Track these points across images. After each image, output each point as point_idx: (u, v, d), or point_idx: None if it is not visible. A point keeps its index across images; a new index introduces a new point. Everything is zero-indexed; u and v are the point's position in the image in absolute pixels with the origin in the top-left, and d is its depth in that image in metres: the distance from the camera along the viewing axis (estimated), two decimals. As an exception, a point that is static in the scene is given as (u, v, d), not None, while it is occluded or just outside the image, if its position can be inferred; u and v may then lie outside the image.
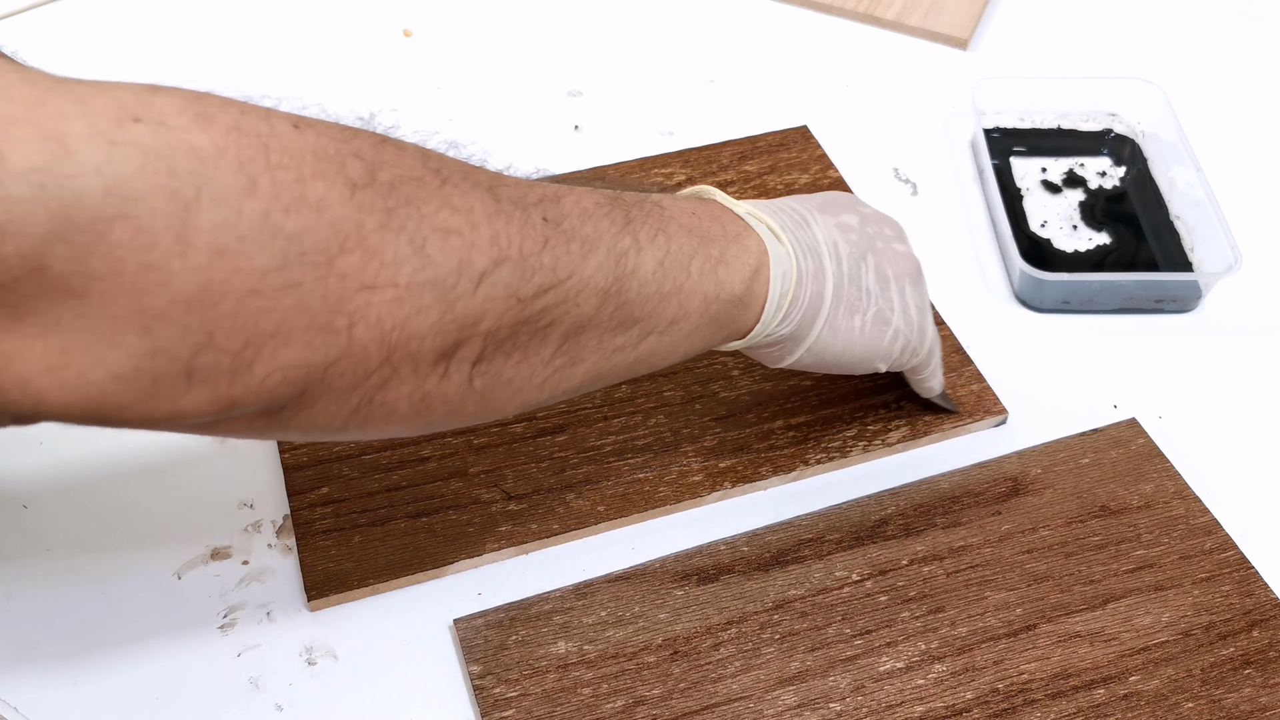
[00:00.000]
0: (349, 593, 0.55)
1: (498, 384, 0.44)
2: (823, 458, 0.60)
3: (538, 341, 0.44)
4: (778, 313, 0.51)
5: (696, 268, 0.48)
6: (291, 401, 0.39)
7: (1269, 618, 0.54)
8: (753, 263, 0.50)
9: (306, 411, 0.40)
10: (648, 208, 0.48)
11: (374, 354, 0.39)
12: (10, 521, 0.57)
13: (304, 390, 0.39)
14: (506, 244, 0.42)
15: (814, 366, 0.54)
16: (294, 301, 0.37)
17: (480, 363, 0.42)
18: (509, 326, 0.42)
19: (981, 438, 0.62)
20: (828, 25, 0.89)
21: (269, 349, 0.37)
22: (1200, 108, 0.82)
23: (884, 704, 0.51)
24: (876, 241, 0.55)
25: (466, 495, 0.58)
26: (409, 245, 0.39)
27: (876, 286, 0.54)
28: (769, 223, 0.51)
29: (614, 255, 0.45)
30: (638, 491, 0.59)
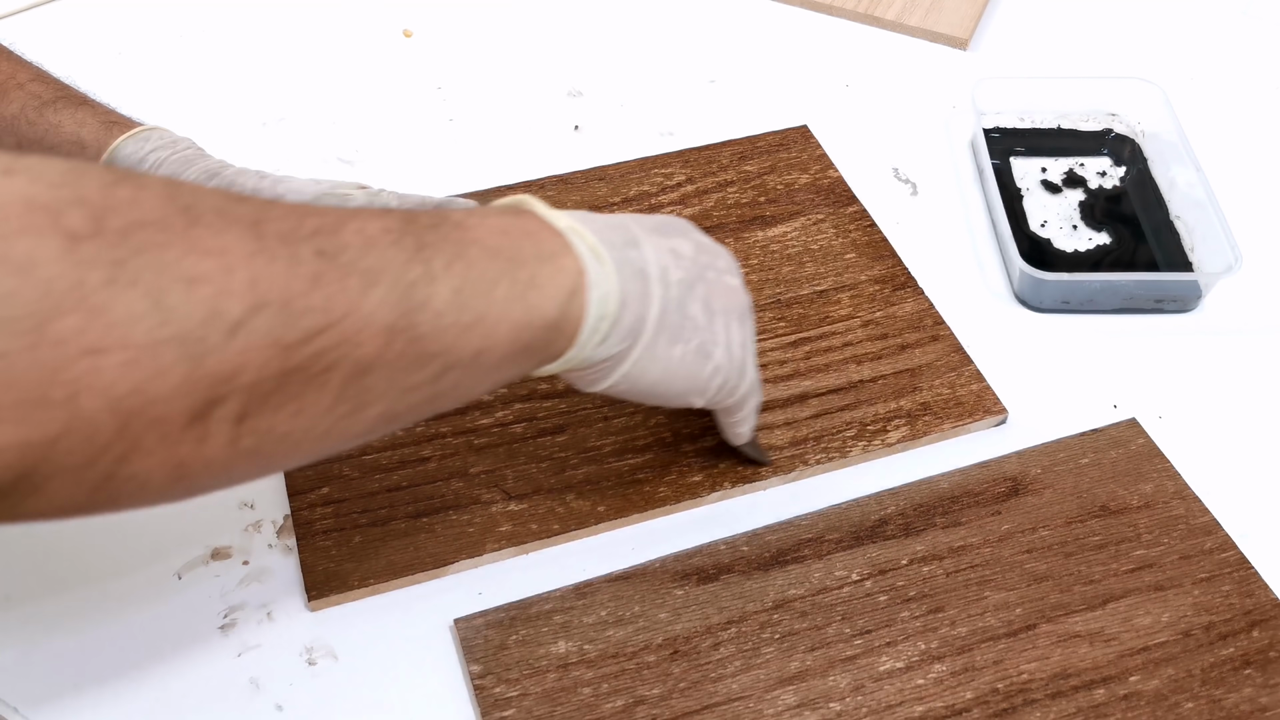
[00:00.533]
0: (349, 593, 0.55)
1: (270, 440, 0.39)
2: (822, 458, 0.60)
3: (314, 390, 0.39)
4: (594, 336, 0.47)
5: (502, 294, 0.44)
6: (16, 486, 0.35)
7: (1269, 618, 0.54)
8: (568, 284, 0.46)
9: (38, 496, 0.35)
10: (446, 230, 0.44)
11: (106, 424, 0.35)
12: (10, 521, 0.57)
13: (28, 473, 0.34)
14: (268, 286, 0.37)
15: (628, 394, 0.51)
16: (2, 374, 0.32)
17: (246, 420, 0.38)
18: (275, 377, 0.38)
19: (981, 438, 0.62)
20: (828, 25, 0.89)
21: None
22: (1200, 108, 0.82)
23: (884, 704, 0.51)
24: (708, 272, 0.52)
25: (467, 495, 0.58)
26: (144, 299, 0.34)
27: (703, 318, 0.51)
28: (591, 240, 0.47)
29: (400, 287, 0.41)
30: (638, 492, 0.59)
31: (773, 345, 0.65)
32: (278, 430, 0.39)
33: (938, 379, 0.64)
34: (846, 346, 0.65)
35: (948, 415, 0.62)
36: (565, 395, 0.62)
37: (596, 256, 0.47)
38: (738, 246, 0.71)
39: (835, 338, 0.66)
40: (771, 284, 0.69)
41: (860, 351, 0.65)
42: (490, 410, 0.62)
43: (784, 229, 0.72)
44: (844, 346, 0.65)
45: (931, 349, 0.65)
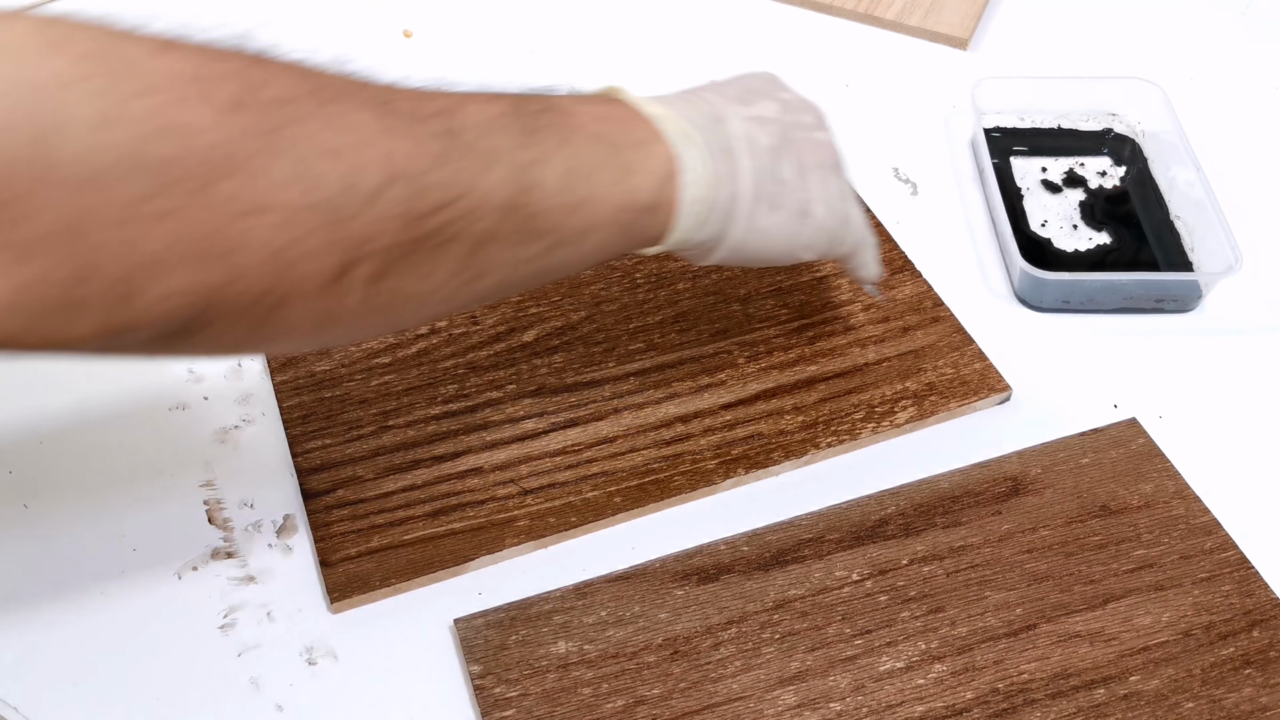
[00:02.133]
0: (371, 593, 0.55)
1: (399, 300, 0.43)
2: (833, 441, 0.61)
3: (439, 257, 0.43)
4: (689, 219, 0.49)
5: (606, 176, 0.47)
6: (184, 326, 0.38)
7: (1269, 618, 0.54)
8: (663, 169, 0.48)
9: (204, 334, 0.39)
10: (552, 116, 0.47)
11: (264, 275, 0.38)
12: (10, 521, 0.57)
13: (197, 315, 0.38)
14: (399, 161, 0.40)
15: (738, 263, 0.54)
16: (172, 229, 0.36)
17: (380, 280, 0.41)
18: (406, 244, 0.41)
19: (982, 436, 0.62)
20: (828, 25, 0.89)
21: (152, 276, 0.36)
22: (1200, 108, 0.82)
23: (884, 704, 0.51)
24: (795, 131, 0.53)
25: (483, 492, 0.58)
26: (293, 166, 0.38)
27: (797, 179, 0.52)
28: (680, 125, 0.49)
29: (516, 167, 0.44)
30: (653, 482, 0.59)
31: (776, 332, 0.66)
32: (406, 291, 0.43)
33: (941, 359, 0.64)
34: (849, 331, 0.66)
35: (953, 394, 0.63)
36: (575, 390, 0.63)
37: (687, 140, 0.49)
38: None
39: (838, 323, 0.66)
40: (772, 272, 0.69)
41: (863, 335, 0.66)
42: (501, 406, 0.62)
43: None
44: (847, 331, 0.66)
45: (933, 330, 0.66)
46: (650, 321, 0.66)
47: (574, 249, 0.47)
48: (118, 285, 0.36)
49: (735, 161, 0.50)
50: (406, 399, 0.62)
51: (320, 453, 0.60)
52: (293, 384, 0.63)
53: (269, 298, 0.39)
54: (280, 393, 0.62)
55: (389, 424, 0.61)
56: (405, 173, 0.40)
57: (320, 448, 0.60)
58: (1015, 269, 0.69)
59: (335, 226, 0.39)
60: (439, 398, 0.62)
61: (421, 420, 0.61)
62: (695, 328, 0.66)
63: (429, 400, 0.62)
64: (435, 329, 0.65)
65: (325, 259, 0.39)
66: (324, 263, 0.39)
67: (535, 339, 0.65)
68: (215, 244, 0.37)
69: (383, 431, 0.61)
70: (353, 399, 0.62)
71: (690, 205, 0.49)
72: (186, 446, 0.60)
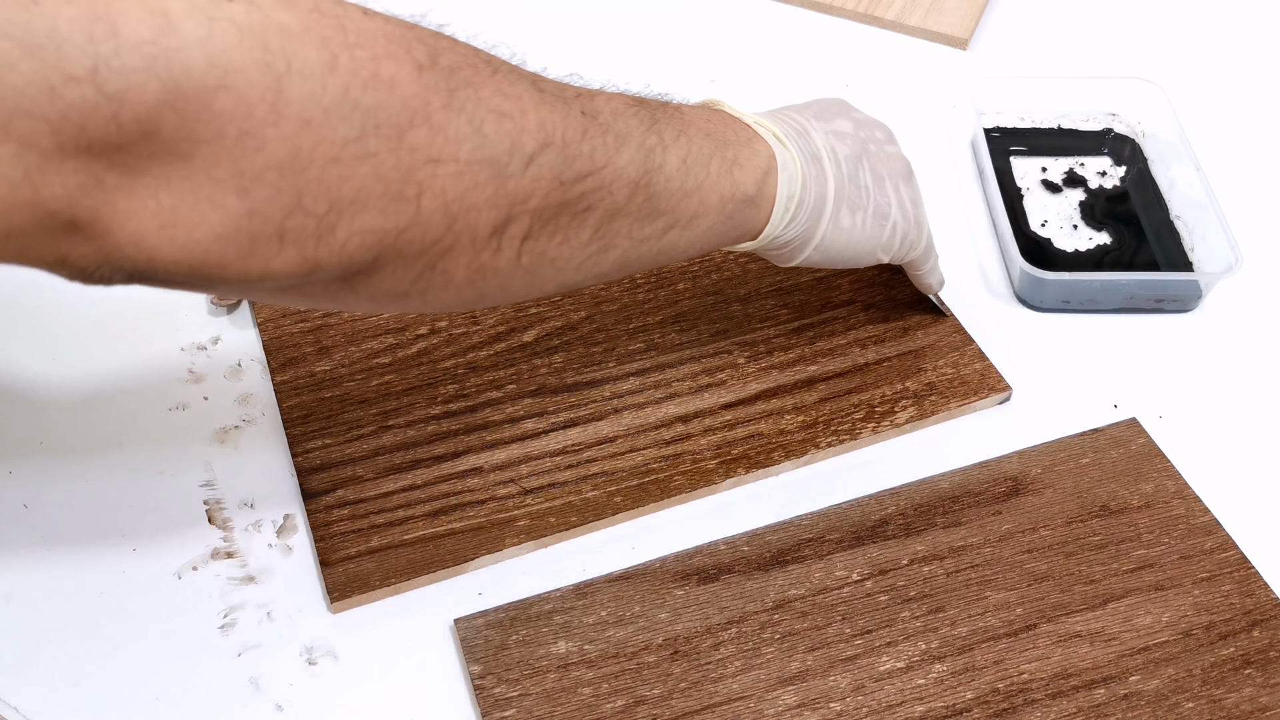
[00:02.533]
0: (371, 593, 0.55)
1: (542, 261, 0.47)
2: (833, 440, 0.61)
3: (577, 224, 0.47)
4: (785, 214, 0.54)
5: (715, 168, 0.52)
6: (366, 266, 0.42)
7: (1269, 618, 0.54)
8: (763, 165, 0.54)
9: (377, 276, 0.43)
10: (670, 111, 0.52)
11: (438, 223, 0.43)
12: (10, 521, 0.57)
13: (378, 256, 0.42)
14: (551, 130, 0.45)
15: (822, 263, 0.58)
16: (370, 170, 0.40)
17: (528, 240, 0.46)
18: (553, 207, 0.46)
19: (982, 436, 0.62)
20: (828, 25, 0.89)
21: (349, 214, 0.40)
22: (1200, 108, 0.82)
23: (884, 704, 0.51)
24: (869, 145, 0.59)
25: (483, 492, 0.58)
26: (468, 124, 0.42)
27: (873, 185, 0.58)
28: (775, 130, 0.55)
29: (643, 150, 0.49)
30: (653, 482, 0.59)
31: (776, 332, 0.66)
32: (548, 253, 0.47)
33: (941, 359, 0.65)
34: (849, 330, 0.66)
35: (954, 394, 0.63)
36: (575, 390, 0.63)
37: (781, 144, 0.55)
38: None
39: (838, 323, 0.66)
40: (772, 272, 0.69)
41: (863, 335, 0.66)
42: (501, 406, 0.62)
43: None
44: (847, 331, 0.66)
45: (933, 330, 0.66)
46: (650, 321, 0.66)
47: (685, 232, 0.52)
48: (321, 220, 0.40)
49: (821, 166, 0.56)
50: (407, 399, 0.62)
51: (320, 453, 0.60)
52: (293, 384, 0.63)
53: (438, 246, 0.43)
54: (280, 393, 0.62)
55: (389, 424, 0.61)
56: (557, 140, 0.45)
57: (320, 448, 0.60)
58: (1015, 269, 0.69)
59: (498, 182, 0.43)
60: (439, 398, 0.62)
61: (421, 420, 0.61)
62: (695, 328, 0.66)
63: (429, 400, 0.62)
64: (435, 329, 0.65)
65: (488, 212, 0.44)
66: (486, 216, 0.44)
67: (535, 339, 0.65)
68: (403, 188, 0.41)
69: (383, 431, 0.61)
70: (353, 399, 0.62)
71: (785, 201, 0.54)
72: (186, 446, 0.60)
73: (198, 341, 0.65)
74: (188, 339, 0.65)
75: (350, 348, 0.65)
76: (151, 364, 0.64)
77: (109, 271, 0.39)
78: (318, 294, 0.44)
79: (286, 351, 0.64)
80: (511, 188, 0.44)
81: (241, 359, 0.64)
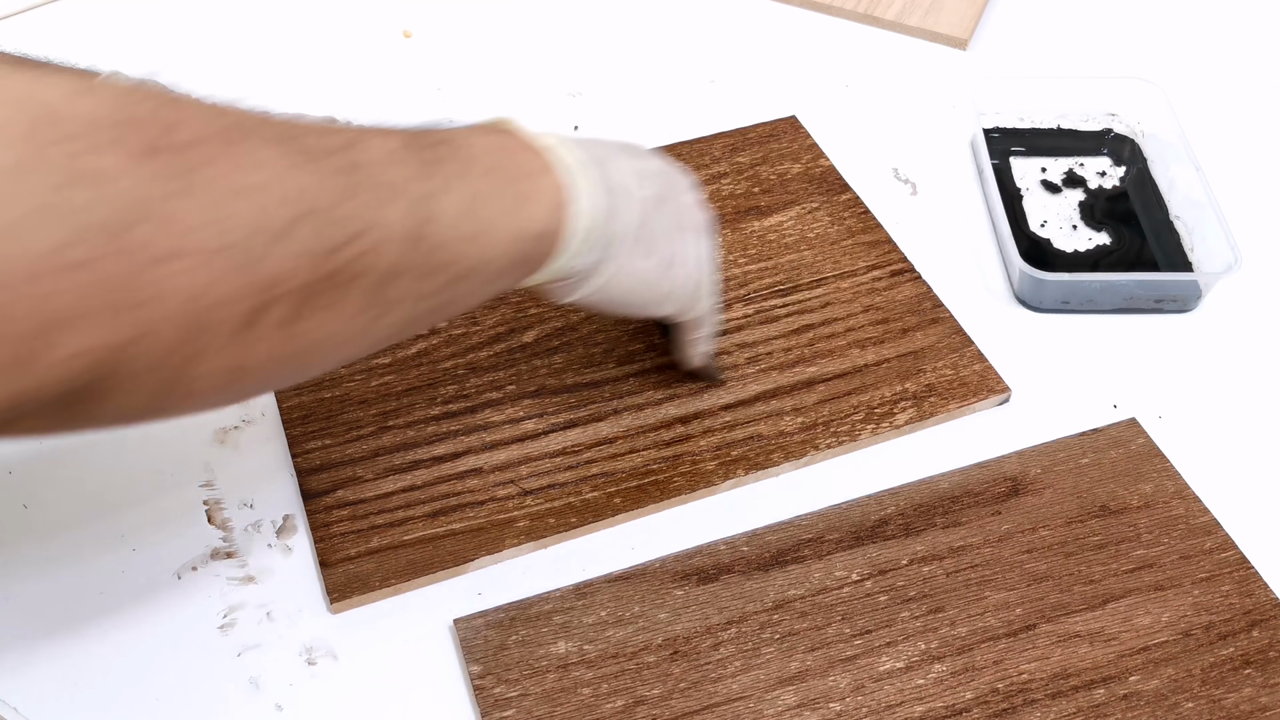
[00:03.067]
0: (371, 593, 0.55)
1: (311, 342, 0.42)
2: (832, 442, 0.61)
3: (348, 295, 0.42)
4: (577, 246, 0.50)
5: (500, 207, 0.47)
6: (91, 390, 0.37)
7: (1269, 618, 0.54)
8: (554, 198, 0.49)
9: (110, 400, 0.38)
10: (447, 149, 0.47)
11: (175, 329, 0.37)
12: (10, 521, 0.57)
13: (104, 376, 0.36)
14: (306, 197, 0.40)
15: (598, 305, 0.55)
16: (85, 281, 0.34)
17: (291, 324, 0.40)
18: (315, 283, 0.40)
19: (982, 436, 0.62)
20: (827, 25, 0.89)
21: (60, 334, 0.35)
22: (1200, 108, 0.82)
23: (884, 704, 0.51)
24: (671, 191, 0.56)
25: (483, 493, 0.58)
26: (203, 211, 0.37)
27: (670, 233, 0.55)
28: (572, 158, 0.50)
29: (417, 200, 0.44)
30: (652, 483, 0.59)
31: (777, 333, 0.66)
32: (317, 333, 0.42)
33: (940, 361, 0.64)
34: (849, 332, 0.66)
35: (953, 396, 0.63)
36: (575, 390, 0.63)
37: (579, 171, 0.50)
38: (735, 237, 0.71)
39: (838, 324, 0.66)
40: (771, 273, 0.69)
41: (863, 336, 0.66)
42: (501, 407, 0.62)
43: (779, 218, 0.72)
44: (846, 332, 0.66)
45: (932, 332, 0.66)
46: (650, 322, 0.66)
47: (471, 281, 0.47)
48: (24, 344, 0.34)
49: (618, 202, 0.52)
50: (406, 399, 0.62)
51: (320, 453, 0.60)
52: (292, 384, 0.63)
53: (180, 353, 0.38)
54: (280, 393, 0.62)
55: (389, 424, 0.61)
56: (313, 209, 0.40)
57: (320, 448, 0.60)
58: (1015, 269, 0.69)
59: (248, 268, 0.38)
60: (439, 398, 0.62)
61: (421, 421, 0.61)
62: (695, 328, 0.66)
63: (429, 401, 0.62)
64: (435, 329, 0.65)
65: (238, 304, 0.38)
66: (237, 309, 0.38)
67: (535, 339, 0.65)
68: (128, 294, 0.35)
69: (382, 432, 0.61)
70: (352, 399, 0.62)
71: (579, 234, 0.50)
72: (186, 446, 0.61)
73: (198, 342, 0.65)
74: (188, 339, 0.65)
75: (350, 348, 0.65)
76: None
77: None
78: (42, 426, 0.38)
79: (286, 352, 0.64)
80: (264, 271, 0.38)
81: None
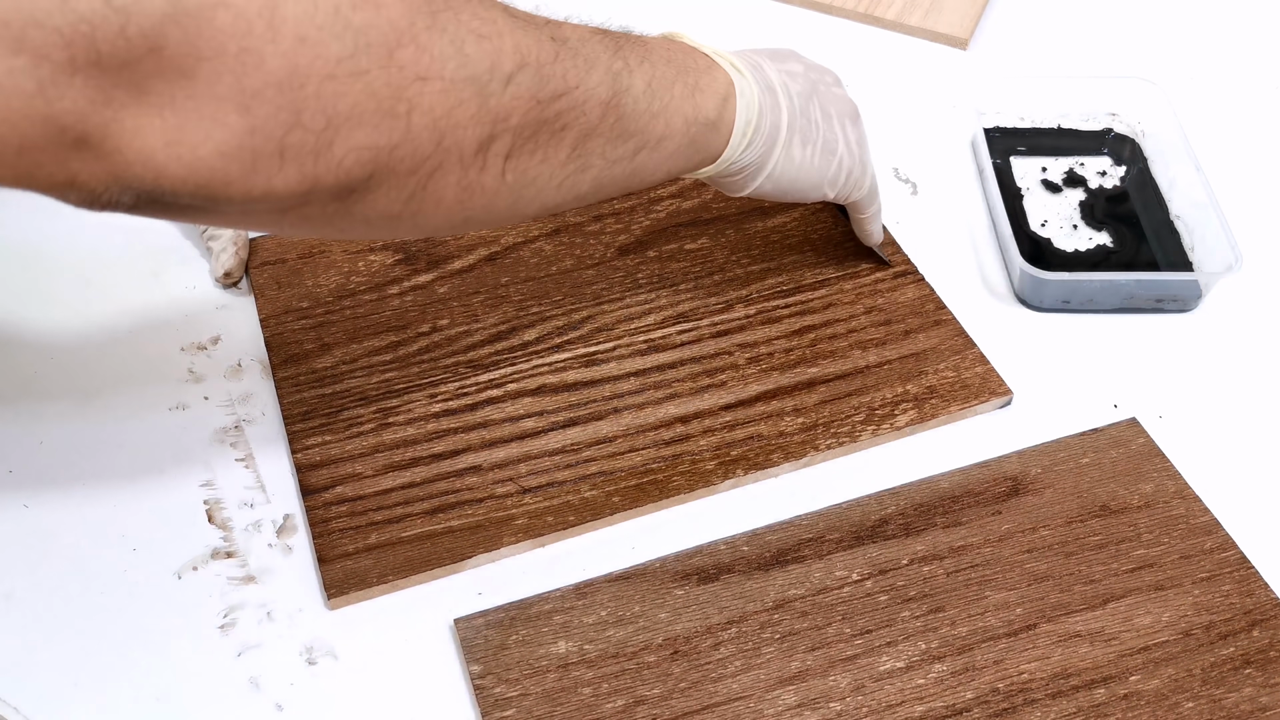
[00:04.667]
0: (369, 590, 0.55)
1: (525, 180, 0.49)
2: (833, 443, 0.61)
3: (555, 142, 0.49)
4: (743, 139, 0.57)
5: (678, 91, 0.54)
6: (361, 185, 0.44)
7: (1269, 617, 0.54)
8: (722, 91, 0.56)
9: (372, 196, 0.45)
10: (632, 39, 0.54)
11: (427, 140, 0.44)
12: (10, 521, 0.57)
13: (372, 173, 0.44)
14: (526, 52, 0.47)
15: (771, 193, 0.61)
16: (363, 87, 0.42)
17: (511, 158, 0.48)
18: (532, 125, 0.48)
19: (982, 436, 0.62)
20: (828, 25, 0.89)
21: (345, 130, 0.42)
22: (1200, 108, 0.82)
23: (884, 704, 0.51)
24: (819, 85, 0.62)
25: (481, 490, 0.58)
26: (451, 44, 0.44)
27: (822, 121, 0.61)
28: (732, 60, 0.57)
29: (611, 73, 0.51)
30: (651, 482, 0.59)
31: (779, 333, 0.66)
32: (530, 172, 0.49)
33: (942, 363, 0.64)
34: (851, 333, 0.66)
35: (954, 398, 0.63)
36: (575, 389, 0.63)
37: (738, 74, 0.57)
38: (739, 237, 0.71)
39: (840, 325, 0.66)
40: (774, 273, 0.69)
41: (865, 338, 0.66)
42: (501, 405, 0.62)
43: (783, 219, 0.72)
44: (849, 334, 0.66)
45: (935, 334, 0.66)
46: (650, 321, 0.66)
47: (653, 154, 0.54)
48: (319, 136, 0.41)
49: (776, 97, 0.58)
50: (407, 396, 0.62)
51: (320, 449, 0.60)
52: (294, 380, 0.63)
53: (429, 163, 0.45)
54: (281, 388, 0.62)
55: (389, 421, 0.61)
56: (532, 62, 0.47)
57: (320, 444, 0.60)
58: (1015, 269, 0.69)
59: (481, 100, 0.45)
60: (439, 395, 0.62)
61: (421, 418, 0.61)
62: (696, 327, 0.66)
63: (429, 398, 0.62)
64: (436, 327, 0.65)
65: (473, 130, 0.46)
66: (472, 133, 0.46)
67: (536, 338, 0.65)
68: (394, 104, 0.43)
69: (383, 429, 0.61)
70: (353, 395, 0.62)
71: (743, 127, 0.57)
72: (186, 446, 0.60)
73: (198, 341, 0.65)
74: (188, 339, 0.65)
75: (352, 344, 0.65)
76: (151, 364, 0.64)
77: (117, 192, 0.40)
78: (315, 216, 0.45)
79: (288, 348, 0.64)
80: (493, 105, 0.46)
81: (241, 359, 0.64)
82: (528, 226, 0.71)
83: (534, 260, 0.70)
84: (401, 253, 0.69)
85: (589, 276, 0.68)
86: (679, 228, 0.72)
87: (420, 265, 0.69)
